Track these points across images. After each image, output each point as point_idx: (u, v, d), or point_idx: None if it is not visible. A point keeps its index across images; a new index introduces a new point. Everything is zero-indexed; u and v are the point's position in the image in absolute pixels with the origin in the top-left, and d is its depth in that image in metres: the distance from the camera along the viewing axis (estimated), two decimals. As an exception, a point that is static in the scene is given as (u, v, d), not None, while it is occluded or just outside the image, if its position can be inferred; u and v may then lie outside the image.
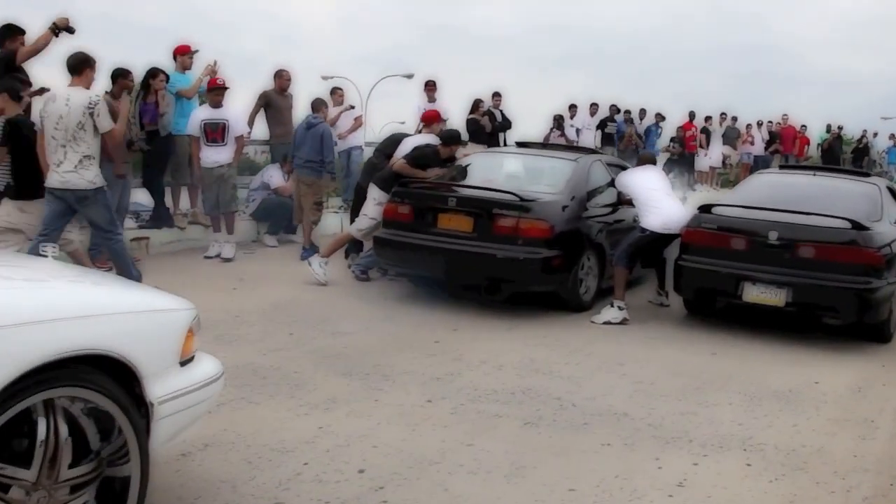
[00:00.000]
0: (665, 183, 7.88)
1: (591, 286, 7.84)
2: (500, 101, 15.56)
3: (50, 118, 6.81)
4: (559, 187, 7.77)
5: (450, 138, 8.36)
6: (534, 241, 7.17)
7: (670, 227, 7.49)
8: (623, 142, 17.60)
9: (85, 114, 6.80)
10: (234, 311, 7.10)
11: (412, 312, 7.39)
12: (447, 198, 7.50)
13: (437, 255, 7.41)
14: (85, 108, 6.79)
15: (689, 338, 7.05)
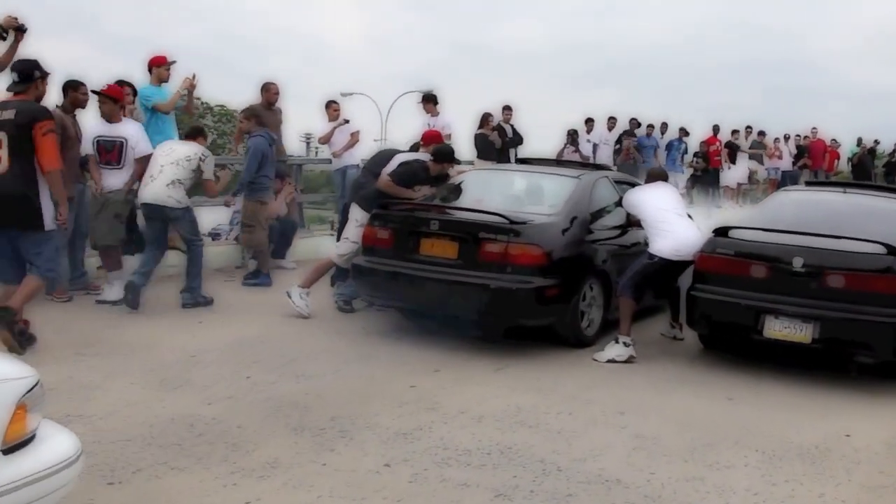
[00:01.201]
0: (677, 202, 7.05)
1: (594, 319, 7.03)
2: (510, 115, 14.87)
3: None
4: (557, 208, 6.97)
5: (441, 154, 7.59)
6: (525, 268, 6.38)
7: (682, 252, 6.66)
8: (620, 156, 16.69)
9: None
10: (192, 349, 6.37)
11: (392, 350, 6.61)
12: (430, 220, 6.73)
13: (419, 285, 6.64)
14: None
15: (703, 379, 6.21)
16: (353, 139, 11.81)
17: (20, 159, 5.86)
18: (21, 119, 5.86)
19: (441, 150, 7.63)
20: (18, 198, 5.88)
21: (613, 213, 7.51)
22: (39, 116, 5.96)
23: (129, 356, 6.13)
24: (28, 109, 5.94)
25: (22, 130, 5.85)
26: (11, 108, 5.93)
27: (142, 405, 5.05)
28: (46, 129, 5.93)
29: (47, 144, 5.91)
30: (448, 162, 7.57)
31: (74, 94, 7.87)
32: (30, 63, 6.24)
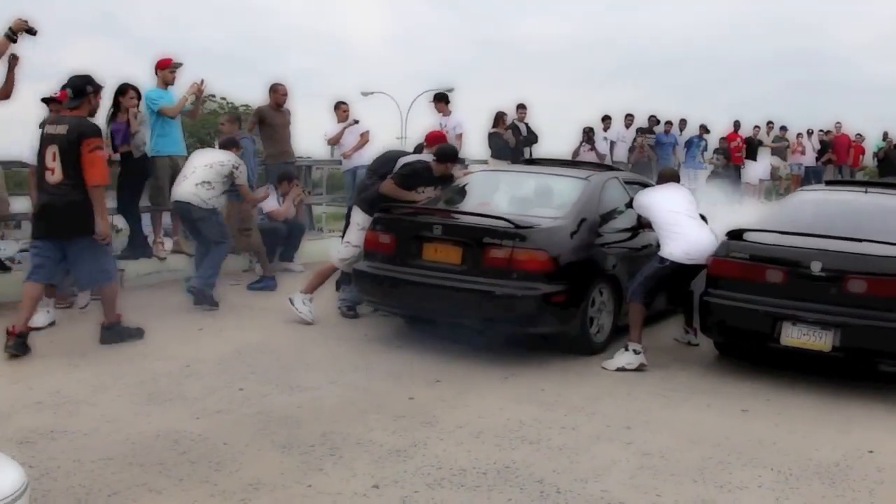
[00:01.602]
0: (690, 203, 6.77)
1: (604, 325, 6.76)
2: (525, 113, 14.60)
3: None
4: (565, 210, 6.72)
5: (444, 154, 7.34)
6: (531, 274, 6.13)
7: (695, 256, 6.39)
8: (634, 153, 16.31)
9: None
10: (188, 358, 6.18)
11: (394, 359, 6.38)
12: (432, 225, 6.49)
13: (421, 292, 6.41)
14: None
15: (717, 388, 5.93)
16: (362, 140, 11.58)
17: (72, 171, 6.19)
18: (71, 135, 6.19)
19: (443, 151, 7.39)
20: (73, 207, 6.21)
21: (624, 214, 7.23)
22: (87, 133, 6.23)
23: (121, 366, 5.94)
24: (77, 125, 6.24)
25: (72, 146, 6.17)
26: (64, 124, 6.28)
27: (127, 421, 4.86)
28: (94, 145, 6.21)
29: (94, 160, 6.20)
30: (451, 162, 7.32)
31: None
32: (83, 78, 6.44)
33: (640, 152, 15.87)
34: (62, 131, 6.25)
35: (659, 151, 16.95)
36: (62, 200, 6.22)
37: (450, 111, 13.02)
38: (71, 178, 6.21)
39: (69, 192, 6.21)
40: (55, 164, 6.23)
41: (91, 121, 6.46)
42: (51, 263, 6.38)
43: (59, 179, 6.23)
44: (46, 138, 6.30)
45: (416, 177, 7.23)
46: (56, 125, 6.32)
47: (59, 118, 6.45)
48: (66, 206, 6.23)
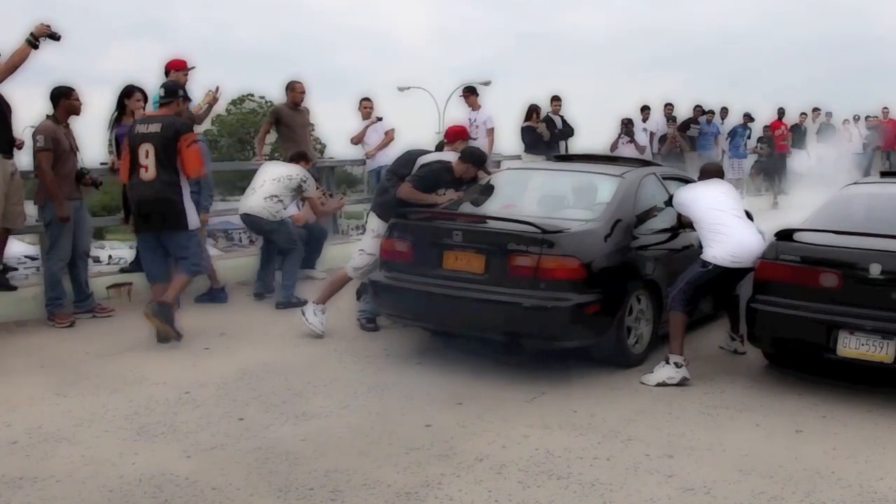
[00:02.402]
0: (735, 201, 6.16)
1: (643, 334, 6.21)
2: (559, 106, 14.02)
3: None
4: (598, 211, 6.17)
5: (469, 156, 6.80)
6: (560, 283, 5.58)
7: (741, 258, 5.81)
8: (665, 145, 15.55)
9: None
10: (189, 383, 5.74)
11: (413, 378, 5.88)
12: (452, 231, 5.97)
13: (441, 304, 5.91)
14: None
15: (767, 404, 5.35)
16: (387, 138, 11.10)
17: (166, 168, 6.50)
18: (167, 132, 6.49)
19: (470, 152, 6.85)
20: (166, 202, 6.54)
21: (663, 213, 6.64)
22: (183, 130, 6.60)
23: (114, 394, 5.51)
24: (172, 123, 6.58)
25: (168, 142, 6.47)
26: (157, 122, 6.60)
27: (108, 462, 4.38)
28: (191, 140, 6.59)
29: (192, 154, 6.55)
30: (475, 164, 6.78)
31: (67, 102, 7.33)
32: (176, 83, 7.00)
33: (671, 143, 15.14)
34: (156, 129, 6.51)
35: (701, 142, 16.25)
36: (157, 196, 6.50)
37: (479, 105, 12.54)
38: (166, 174, 6.49)
39: (164, 188, 6.49)
40: (148, 161, 6.49)
41: (185, 119, 6.88)
42: (158, 258, 6.80)
43: (153, 176, 6.49)
44: (138, 137, 6.56)
45: (435, 178, 6.72)
46: (147, 124, 6.61)
47: (150, 118, 6.78)
48: (160, 201, 6.52)
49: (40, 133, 7.10)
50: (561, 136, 13.73)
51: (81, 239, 7.50)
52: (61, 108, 7.27)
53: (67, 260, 7.38)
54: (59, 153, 7.16)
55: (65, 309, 7.37)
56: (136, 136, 6.60)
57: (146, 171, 6.50)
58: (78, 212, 7.44)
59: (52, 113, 7.27)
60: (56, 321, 7.27)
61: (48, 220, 7.29)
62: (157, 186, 6.51)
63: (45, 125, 7.18)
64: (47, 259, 7.43)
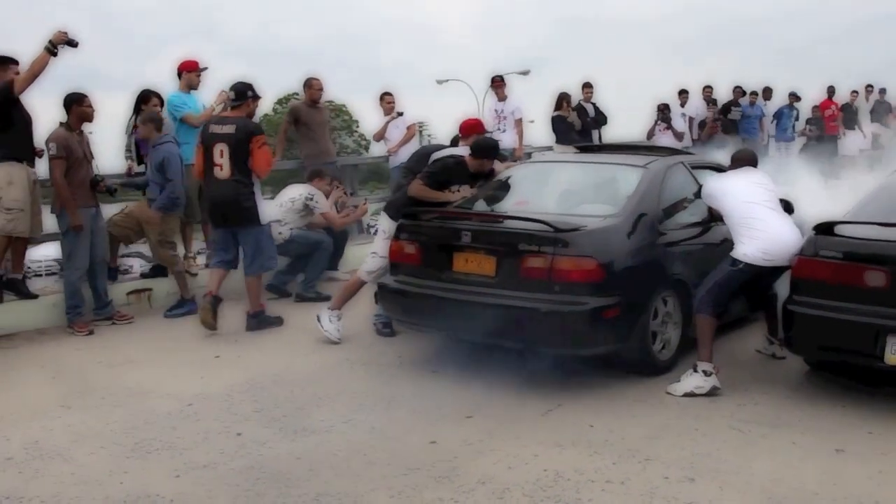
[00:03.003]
0: (768, 192, 5.68)
1: (670, 339, 5.79)
2: (591, 93, 13.56)
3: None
4: (619, 206, 5.74)
5: (480, 149, 6.45)
6: (576, 286, 5.20)
7: (775, 256, 5.36)
8: (705, 131, 14.84)
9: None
10: (193, 394, 5.50)
11: (424, 388, 5.55)
12: (461, 232, 5.61)
13: (451, 309, 5.56)
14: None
15: (805, 418, 4.90)
16: (408, 133, 10.77)
17: (239, 167, 6.84)
18: (240, 133, 6.84)
19: (480, 144, 6.49)
20: (241, 199, 6.89)
21: (692, 206, 6.20)
22: (255, 132, 6.95)
23: (118, 407, 5.31)
24: (245, 125, 6.92)
25: (241, 143, 6.81)
26: (231, 124, 6.91)
27: (97, 482, 4.18)
28: (262, 141, 6.93)
29: (263, 155, 6.92)
30: (488, 157, 6.42)
31: (79, 109, 7.19)
32: (245, 84, 7.09)
33: (711, 129, 14.49)
34: (230, 130, 6.85)
35: (745, 125, 15.60)
36: (231, 194, 6.85)
37: (507, 95, 12.15)
38: (239, 173, 6.83)
39: (237, 186, 6.83)
40: (223, 160, 6.83)
41: (254, 121, 7.17)
42: (230, 249, 7.15)
43: (227, 175, 6.84)
44: (212, 137, 6.89)
45: (447, 174, 6.37)
46: (221, 125, 6.93)
47: (223, 119, 7.08)
48: (234, 198, 6.86)
49: (52, 141, 7.01)
50: (594, 125, 13.26)
51: (98, 246, 7.36)
52: (74, 115, 7.14)
53: (86, 269, 7.27)
54: (72, 161, 7.05)
55: (84, 317, 7.24)
56: (210, 135, 6.91)
57: (221, 170, 6.85)
58: (94, 220, 7.31)
59: (66, 120, 7.14)
60: (76, 329, 7.13)
61: (64, 228, 7.18)
62: (231, 185, 6.85)
63: (58, 133, 7.06)
64: (66, 269, 7.35)
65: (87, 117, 7.26)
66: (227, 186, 6.87)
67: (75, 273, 7.19)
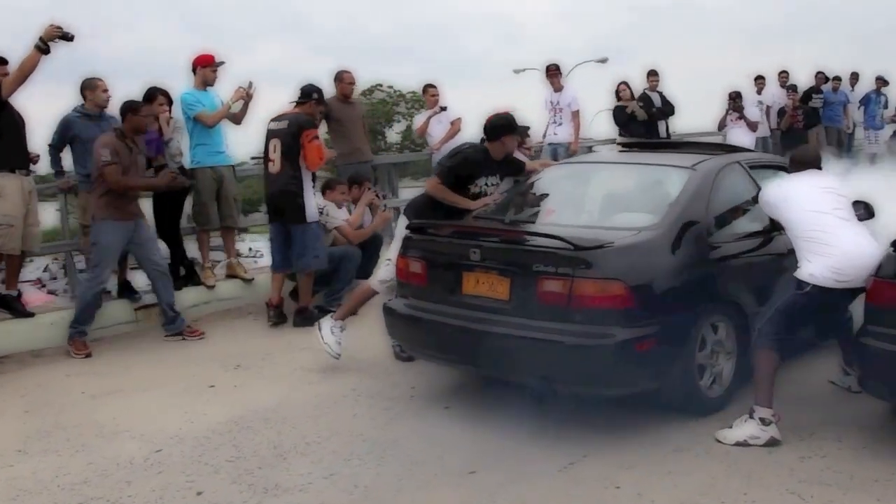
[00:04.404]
0: (838, 198, 4.71)
1: (723, 372, 4.91)
2: (657, 81, 12.56)
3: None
4: (659, 215, 4.86)
5: (493, 129, 5.64)
6: (600, 314, 4.36)
7: (848, 275, 4.41)
8: (784, 120, 13.55)
9: None
10: (167, 435, 4.88)
11: (431, 430, 4.80)
12: (469, 248, 4.81)
13: (459, 338, 4.80)
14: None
15: (886, 478, 3.97)
16: (453, 129, 9.98)
17: (290, 161, 6.88)
18: (292, 128, 6.89)
19: (492, 122, 5.68)
20: (289, 194, 6.94)
21: (750, 213, 5.27)
22: (306, 125, 6.93)
23: (78, 453, 4.71)
24: (297, 120, 6.95)
25: (293, 138, 6.85)
26: (286, 119, 6.98)
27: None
28: (312, 135, 6.92)
29: (313, 148, 6.88)
30: (507, 135, 5.60)
31: (135, 118, 6.74)
32: (312, 86, 7.18)
33: (791, 117, 13.24)
34: (283, 126, 6.92)
35: (828, 113, 14.32)
36: (281, 188, 6.93)
37: (562, 85, 11.30)
38: (289, 169, 6.86)
39: (287, 182, 6.88)
40: (276, 155, 6.91)
41: (310, 116, 7.04)
42: (283, 247, 7.16)
43: (278, 169, 6.93)
44: (269, 133, 7.00)
45: (468, 167, 5.60)
46: (278, 121, 7.00)
47: (281, 115, 7.05)
48: (283, 193, 6.94)
49: (104, 146, 6.53)
50: (660, 116, 12.24)
51: (151, 258, 6.91)
52: (128, 124, 6.72)
53: (104, 285, 6.82)
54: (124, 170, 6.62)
55: (85, 337, 6.72)
56: (268, 132, 7.02)
57: (273, 165, 6.94)
58: (134, 232, 6.77)
59: (120, 126, 6.74)
60: (73, 350, 6.62)
61: (93, 240, 6.72)
62: (281, 179, 6.90)
63: (107, 138, 6.61)
64: (85, 280, 6.86)
65: (141, 128, 6.82)
66: (278, 181, 6.94)
67: (93, 287, 6.68)
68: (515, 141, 5.71)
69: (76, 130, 7.16)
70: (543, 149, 11.58)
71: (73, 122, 7.17)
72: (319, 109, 7.29)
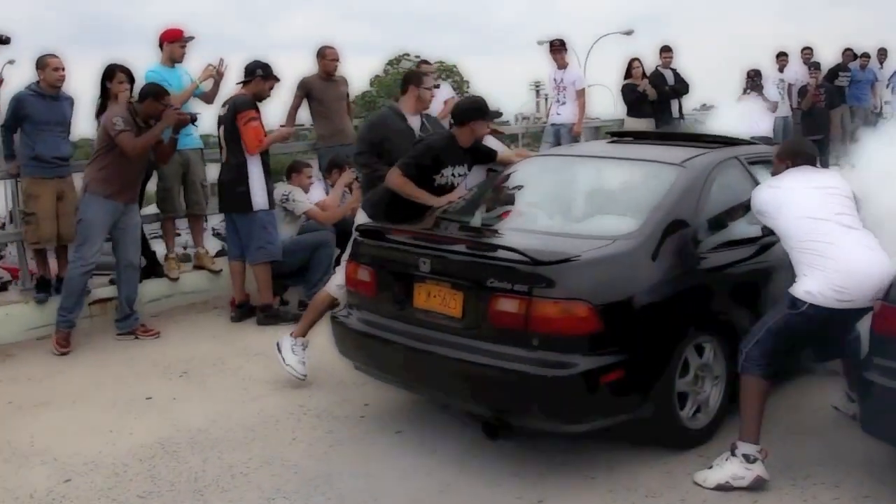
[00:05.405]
0: (842, 200, 4.04)
1: (709, 399, 4.31)
2: (670, 58, 11.82)
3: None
4: (639, 222, 4.23)
5: (461, 113, 5.06)
6: (560, 340, 3.76)
7: (852, 294, 3.78)
8: (806, 100, 12.71)
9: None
10: (79, 463, 4.36)
11: (375, 462, 4.25)
12: (420, 258, 4.22)
13: (406, 359, 4.24)
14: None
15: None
16: (446, 108, 9.30)
17: (232, 149, 6.57)
18: (230, 113, 6.52)
19: (460, 107, 5.13)
20: (230, 183, 6.61)
21: (748, 216, 4.60)
22: (240, 107, 6.50)
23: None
24: (233, 102, 6.57)
25: (232, 124, 6.49)
26: (227, 104, 6.64)
27: None
28: (248, 117, 6.46)
29: (248, 132, 6.47)
30: (476, 120, 4.99)
31: (154, 104, 6.24)
32: (256, 62, 6.73)
33: (813, 96, 12.41)
34: (224, 111, 6.60)
35: (854, 92, 13.51)
36: (223, 178, 6.68)
37: (567, 62, 10.63)
38: (233, 156, 6.57)
39: (229, 170, 6.59)
40: (223, 143, 6.62)
41: (247, 96, 6.59)
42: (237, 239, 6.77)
43: (224, 158, 6.65)
44: (217, 120, 6.70)
45: (431, 155, 4.99)
46: (223, 107, 6.67)
47: (226, 100, 6.73)
48: (225, 183, 6.66)
49: (116, 115, 6.07)
50: (673, 94, 11.51)
51: (127, 248, 6.40)
52: (146, 107, 6.24)
53: (93, 265, 6.31)
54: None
55: (72, 328, 6.27)
56: (217, 119, 6.71)
57: (221, 153, 6.69)
58: (125, 216, 6.30)
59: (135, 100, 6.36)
60: (54, 343, 6.17)
61: (80, 216, 6.26)
62: (224, 168, 6.66)
63: (119, 108, 6.20)
64: (72, 260, 6.36)
65: (156, 115, 6.25)
66: (223, 170, 6.69)
67: (77, 268, 6.21)
68: (486, 127, 5.10)
69: (28, 110, 6.60)
70: (546, 129, 10.96)
71: (24, 101, 6.60)
72: (269, 85, 6.76)
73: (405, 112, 5.63)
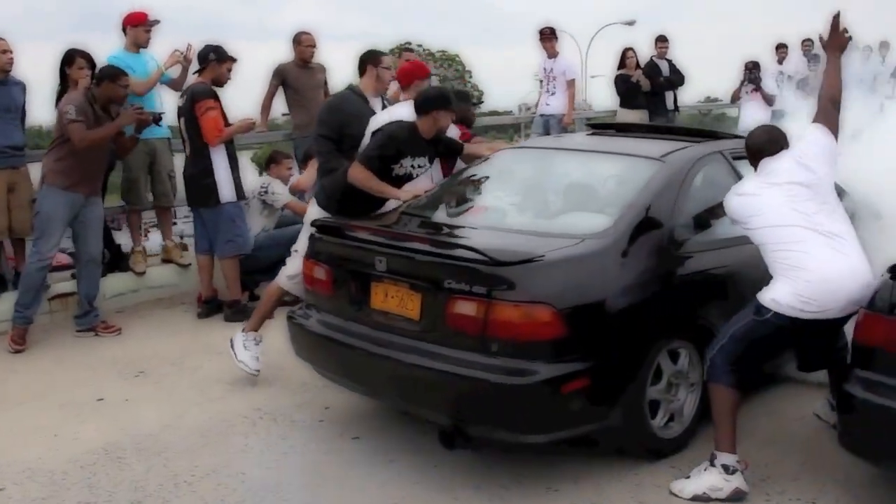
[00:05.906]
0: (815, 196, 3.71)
1: (682, 407, 4.06)
2: (665, 48, 11.55)
3: None
4: (611, 219, 3.97)
5: (424, 102, 4.75)
6: (520, 346, 3.51)
7: (821, 303, 3.53)
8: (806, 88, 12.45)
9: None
10: (16, 471, 4.12)
11: (328, 472, 4.02)
12: (376, 256, 3.96)
13: (361, 363, 3.98)
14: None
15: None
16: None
17: (192, 140, 6.33)
18: (187, 103, 6.28)
19: (424, 96, 4.81)
20: (193, 176, 6.41)
21: (728, 216, 4.34)
22: (198, 97, 6.23)
23: None
24: (191, 91, 6.32)
25: (190, 114, 6.25)
26: (184, 95, 6.42)
27: None
28: (206, 107, 6.19)
29: (206, 122, 6.20)
30: (440, 110, 4.71)
31: (111, 86, 5.92)
32: (207, 46, 6.47)
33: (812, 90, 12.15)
34: (182, 102, 6.38)
35: (801, 89, 13.19)
36: (186, 171, 6.46)
37: (557, 51, 10.37)
38: (194, 148, 6.35)
39: (192, 163, 6.39)
40: (185, 135, 6.38)
41: (205, 84, 6.34)
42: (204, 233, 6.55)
43: (188, 150, 6.43)
44: (178, 111, 6.46)
45: (393, 146, 4.71)
46: (182, 97, 6.43)
47: (185, 89, 6.54)
48: (188, 176, 6.46)
49: (69, 103, 5.77)
50: (668, 86, 11.26)
51: (88, 242, 6.10)
52: (102, 90, 5.93)
53: (50, 260, 6.04)
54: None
55: (29, 324, 6.00)
56: (177, 109, 6.49)
57: (184, 145, 6.47)
58: (86, 209, 6.02)
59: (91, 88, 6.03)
60: (10, 340, 5.89)
61: (37, 208, 5.99)
62: (188, 161, 6.45)
63: (75, 95, 5.89)
64: (30, 255, 6.10)
65: (116, 98, 5.97)
66: (186, 163, 6.50)
67: (34, 263, 5.94)
68: (450, 118, 4.83)
69: None
70: (535, 120, 10.70)
71: None
72: (226, 67, 6.49)
73: (366, 94, 5.40)
